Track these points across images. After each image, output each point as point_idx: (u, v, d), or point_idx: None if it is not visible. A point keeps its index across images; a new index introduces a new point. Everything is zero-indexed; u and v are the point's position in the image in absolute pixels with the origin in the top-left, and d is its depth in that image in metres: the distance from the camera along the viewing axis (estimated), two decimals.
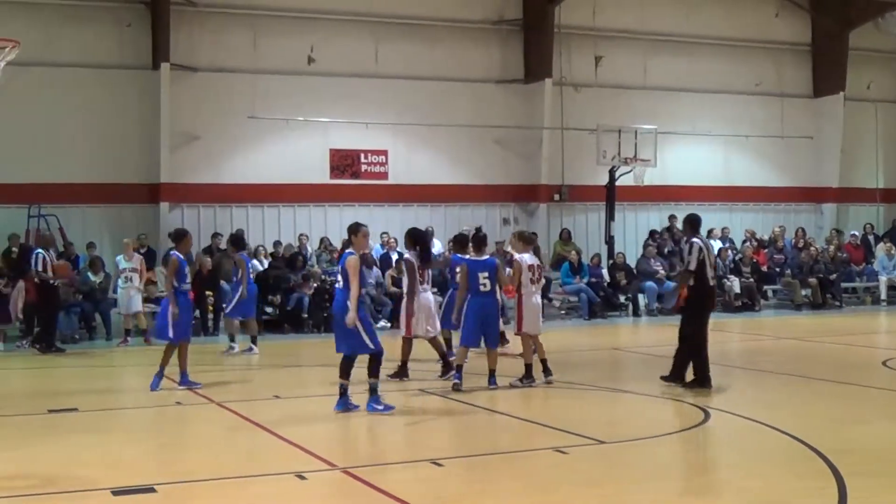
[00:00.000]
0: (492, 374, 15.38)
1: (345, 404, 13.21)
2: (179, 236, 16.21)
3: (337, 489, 9.75)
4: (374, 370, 13.28)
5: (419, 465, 10.55)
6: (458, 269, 17.45)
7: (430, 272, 16.53)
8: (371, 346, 13.11)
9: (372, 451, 11.28)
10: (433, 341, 16.48)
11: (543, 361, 15.80)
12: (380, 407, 13.16)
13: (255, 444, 11.80)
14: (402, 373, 16.09)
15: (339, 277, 13.26)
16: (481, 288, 15.16)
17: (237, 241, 21.56)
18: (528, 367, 15.68)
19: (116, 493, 9.35)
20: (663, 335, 24.54)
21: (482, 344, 15.43)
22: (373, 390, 13.28)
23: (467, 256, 15.71)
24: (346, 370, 13.25)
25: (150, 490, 9.45)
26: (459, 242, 19.37)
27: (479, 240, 15.97)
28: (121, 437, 12.18)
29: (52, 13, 26.48)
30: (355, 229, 13.53)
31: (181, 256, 15.82)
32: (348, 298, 12.90)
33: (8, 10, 25.43)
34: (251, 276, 21.15)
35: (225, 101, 27.87)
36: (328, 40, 29.00)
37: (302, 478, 9.90)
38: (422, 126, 29.55)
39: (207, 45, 27.96)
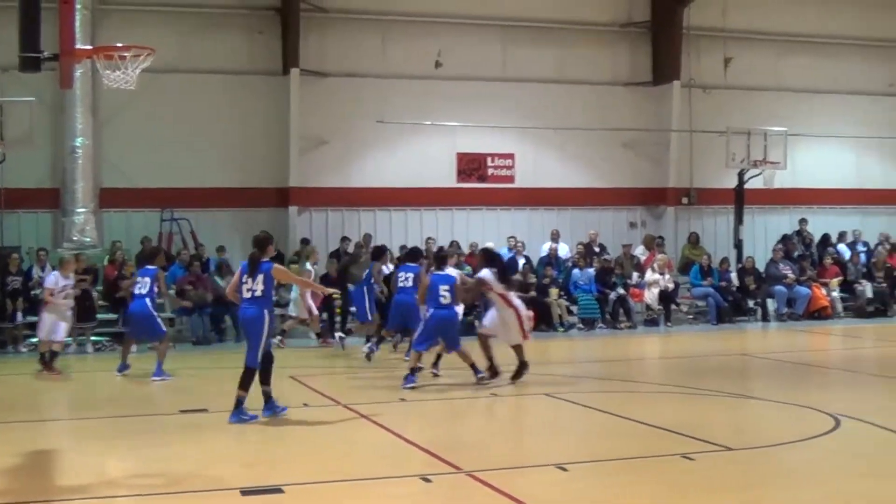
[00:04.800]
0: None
1: (238, 416, 13.01)
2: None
3: (462, 493, 9.77)
4: (244, 383, 13.14)
5: (544, 469, 10.52)
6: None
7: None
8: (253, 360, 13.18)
9: (496, 455, 11.26)
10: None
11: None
12: (245, 417, 13.01)
13: (381, 446, 11.88)
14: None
15: (257, 287, 13.21)
16: (441, 300, 16.08)
17: None
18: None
19: (245, 492, 9.51)
20: (793, 341, 24.26)
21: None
22: (239, 402, 13.11)
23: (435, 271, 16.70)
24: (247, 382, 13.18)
25: (278, 491, 9.58)
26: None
27: (442, 258, 17.08)
28: (249, 437, 12.36)
29: (186, 21, 26.99)
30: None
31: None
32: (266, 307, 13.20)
33: (143, 18, 25.98)
34: None
35: (353, 106, 28.09)
36: (456, 44, 29.09)
37: (427, 480, 9.94)
38: (549, 129, 29.47)
39: (337, 51, 28.24)
